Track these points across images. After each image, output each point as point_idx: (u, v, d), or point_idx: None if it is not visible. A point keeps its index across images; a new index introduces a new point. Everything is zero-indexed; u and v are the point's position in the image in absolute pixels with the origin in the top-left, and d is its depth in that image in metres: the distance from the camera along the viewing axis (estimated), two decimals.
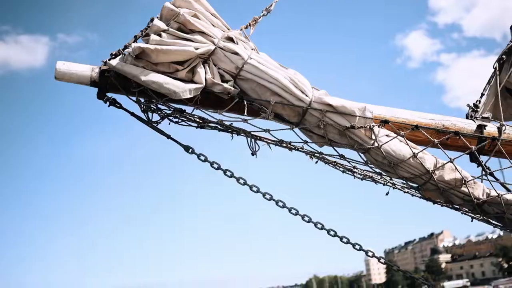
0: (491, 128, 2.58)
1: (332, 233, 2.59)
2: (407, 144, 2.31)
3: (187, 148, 2.28)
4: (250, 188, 2.36)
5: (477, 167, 2.52)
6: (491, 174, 2.50)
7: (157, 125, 2.26)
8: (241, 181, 2.35)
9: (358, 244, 2.64)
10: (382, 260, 2.99)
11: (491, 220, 2.62)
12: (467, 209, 2.55)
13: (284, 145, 2.46)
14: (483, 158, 2.52)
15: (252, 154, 2.35)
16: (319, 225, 2.58)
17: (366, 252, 2.69)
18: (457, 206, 2.53)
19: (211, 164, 2.30)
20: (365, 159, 2.38)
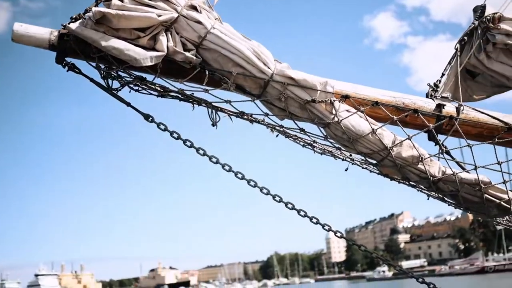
0: (449, 108, 2.61)
1: (302, 213, 2.59)
2: (367, 120, 2.33)
3: (146, 117, 2.26)
4: (210, 159, 2.34)
5: (435, 145, 2.55)
6: (447, 152, 2.55)
7: (117, 92, 2.23)
8: (201, 151, 2.34)
9: (328, 225, 2.65)
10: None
11: (446, 198, 2.67)
12: (423, 187, 2.59)
13: (245, 117, 2.45)
14: (440, 137, 2.55)
15: (213, 125, 2.34)
16: (289, 205, 2.57)
17: (335, 232, 2.71)
18: (414, 183, 2.57)
19: (171, 133, 2.28)
20: (325, 134, 2.39)
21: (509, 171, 2.58)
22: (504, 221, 3.04)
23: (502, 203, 2.56)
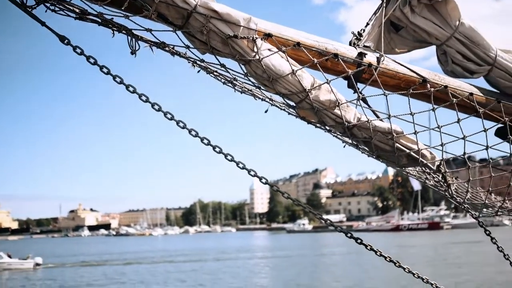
0: (370, 57, 2.65)
1: (229, 157, 2.55)
2: (288, 61, 2.34)
3: (62, 39, 2.16)
4: (127, 88, 2.27)
5: (353, 93, 2.60)
6: (364, 99, 2.59)
7: (31, 10, 2.12)
8: (117, 79, 2.26)
9: (253, 171, 2.65)
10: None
11: (359, 145, 2.73)
12: (338, 132, 2.64)
13: (166, 49, 2.40)
14: (360, 86, 2.59)
15: (132, 53, 2.28)
16: (217, 149, 2.53)
17: (260, 178, 2.70)
18: (329, 128, 2.61)
19: (87, 58, 2.21)
20: (246, 71, 2.39)
21: (421, 123, 2.67)
22: (414, 172, 3.16)
23: (412, 153, 2.65)
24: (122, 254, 61.38)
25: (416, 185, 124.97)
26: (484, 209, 3.27)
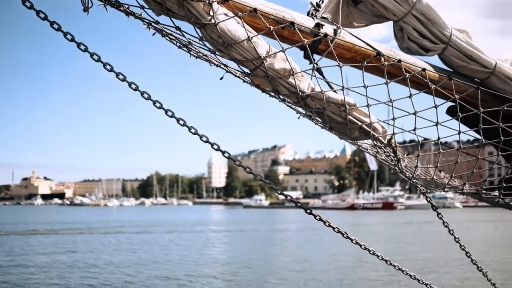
0: (328, 29, 2.65)
1: (193, 130, 2.52)
2: (244, 27, 2.32)
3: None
4: (78, 46, 2.23)
5: (309, 64, 2.60)
6: (319, 70, 2.60)
7: None
8: (69, 36, 2.21)
9: (216, 144, 2.63)
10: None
11: (313, 116, 2.75)
12: (292, 101, 2.65)
13: (121, 8, 2.35)
14: (316, 58, 2.60)
15: (84, 11, 2.23)
16: (181, 122, 2.50)
17: (223, 152, 2.69)
18: (283, 97, 2.62)
19: (37, 12, 2.14)
20: (201, 35, 2.36)
21: (374, 97, 2.69)
22: (366, 145, 3.20)
23: (363, 126, 2.68)
24: (74, 223, 60.78)
25: (372, 165, 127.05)
26: (432, 185, 3.35)
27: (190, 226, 56.26)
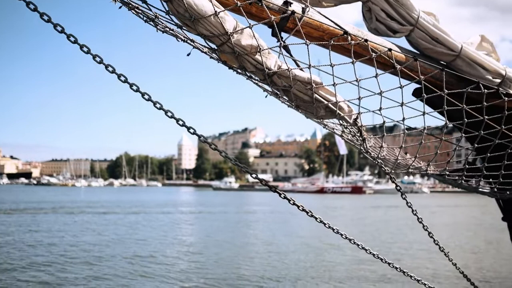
0: (296, 7, 2.65)
1: (158, 105, 2.49)
2: (211, 2, 2.31)
3: None
4: (41, 16, 2.18)
5: (277, 42, 2.59)
6: (286, 47, 2.60)
7: None
8: (31, 6, 2.15)
9: (193, 128, 2.61)
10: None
11: (279, 94, 2.75)
12: (258, 79, 2.64)
13: None
14: (284, 36, 2.59)
15: None
16: (158, 105, 2.47)
17: (199, 136, 2.68)
18: (250, 74, 2.61)
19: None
20: (168, 9, 2.34)
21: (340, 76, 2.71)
22: (332, 124, 3.22)
23: (329, 105, 2.69)
24: (40, 203, 60.00)
25: (342, 149, 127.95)
26: (397, 166, 3.39)
27: (158, 207, 56.05)
